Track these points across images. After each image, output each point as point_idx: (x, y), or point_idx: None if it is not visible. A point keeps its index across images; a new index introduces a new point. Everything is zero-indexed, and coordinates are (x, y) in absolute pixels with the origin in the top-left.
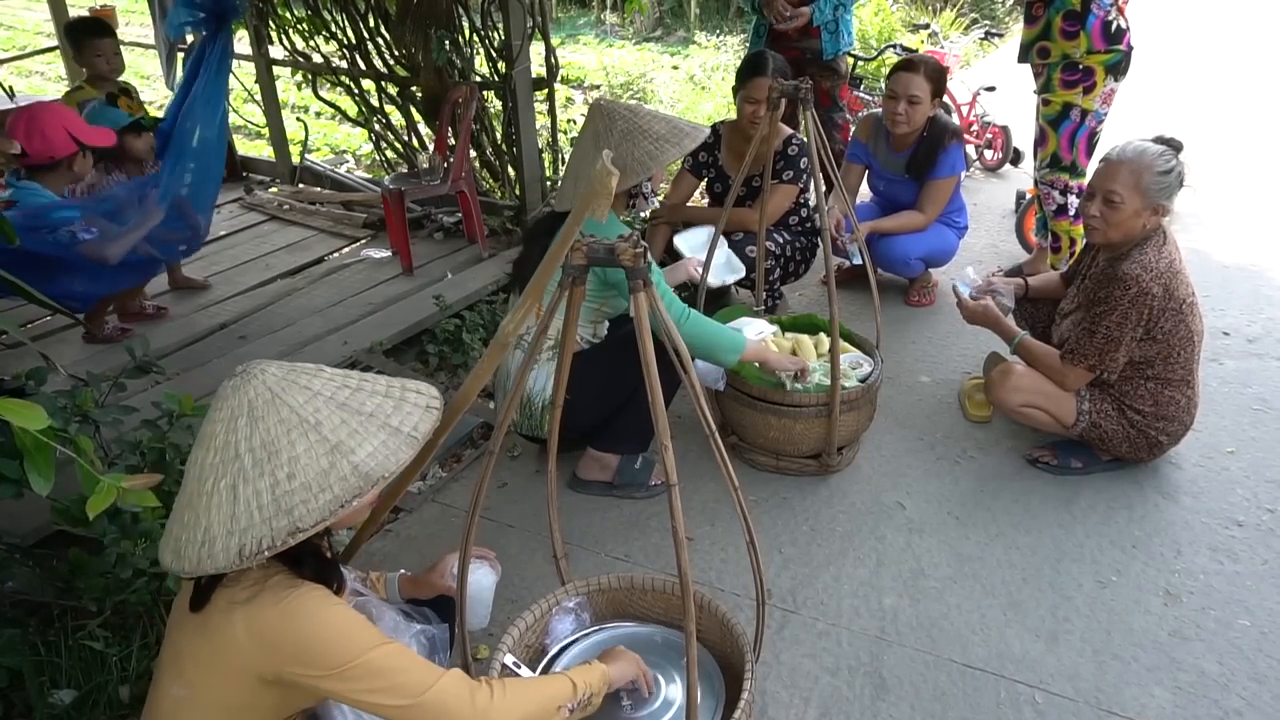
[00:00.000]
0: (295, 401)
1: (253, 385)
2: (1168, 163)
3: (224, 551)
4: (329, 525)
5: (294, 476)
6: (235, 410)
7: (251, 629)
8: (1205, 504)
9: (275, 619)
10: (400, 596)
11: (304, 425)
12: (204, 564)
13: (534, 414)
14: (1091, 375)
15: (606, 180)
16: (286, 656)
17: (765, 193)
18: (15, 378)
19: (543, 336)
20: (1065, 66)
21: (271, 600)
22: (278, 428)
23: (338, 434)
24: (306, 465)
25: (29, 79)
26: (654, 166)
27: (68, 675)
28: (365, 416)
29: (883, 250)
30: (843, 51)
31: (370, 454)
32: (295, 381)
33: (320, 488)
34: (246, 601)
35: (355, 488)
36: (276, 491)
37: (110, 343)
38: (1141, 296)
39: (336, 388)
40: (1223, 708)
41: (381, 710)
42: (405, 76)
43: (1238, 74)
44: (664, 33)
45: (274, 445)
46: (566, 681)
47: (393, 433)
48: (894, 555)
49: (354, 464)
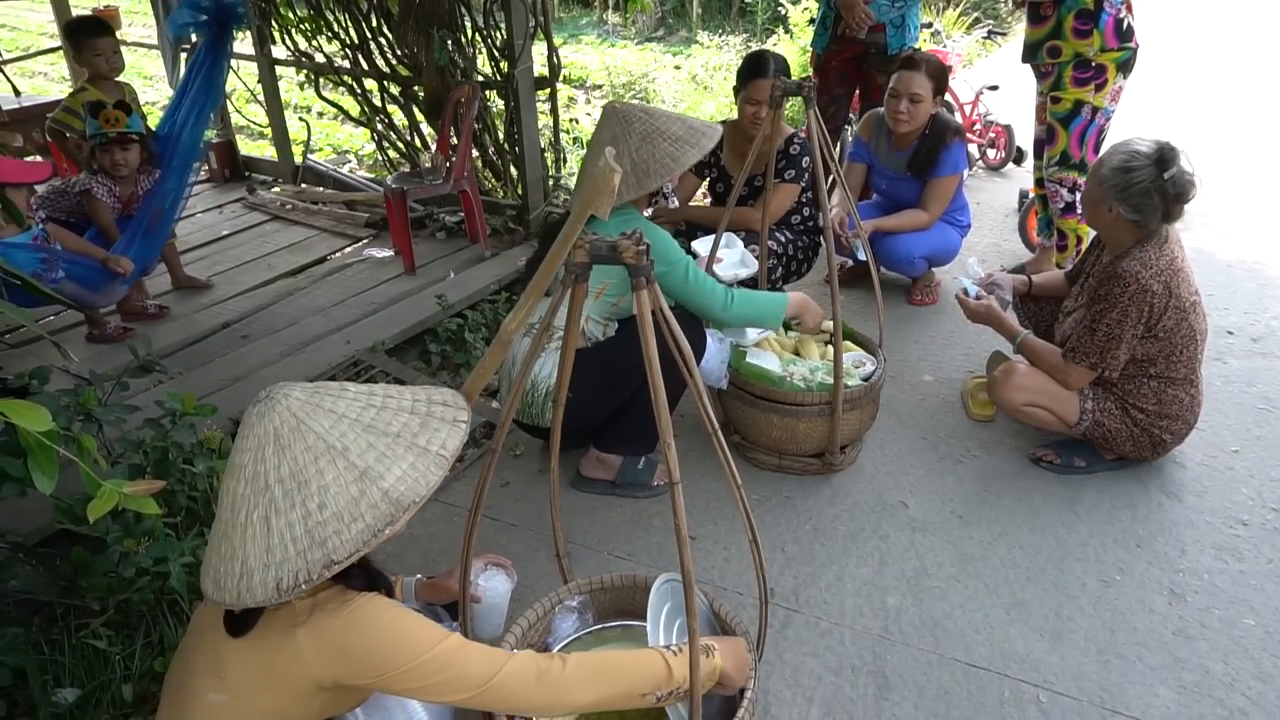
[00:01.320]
0: (320, 427)
1: (277, 412)
2: (1127, 161)
3: (262, 585)
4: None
5: (325, 506)
6: (262, 439)
7: (317, 645)
8: (1210, 503)
9: (338, 632)
10: (416, 600)
11: (331, 452)
12: (244, 598)
13: (535, 401)
14: (1094, 374)
15: (609, 178)
16: (355, 666)
17: (767, 192)
18: (19, 377)
19: (551, 321)
20: (1077, 64)
21: (330, 615)
22: (305, 455)
23: (365, 459)
24: (337, 494)
25: (33, 79)
26: (676, 169)
27: (71, 674)
28: (392, 438)
29: (886, 249)
30: (908, 46)
31: (400, 478)
32: (320, 405)
33: (352, 517)
34: (306, 622)
35: (387, 515)
36: (309, 523)
37: (112, 342)
38: (1142, 294)
39: (361, 408)
40: (1227, 707)
41: (446, 700)
42: (407, 76)
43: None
44: (666, 32)
45: (303, 475)
46: (660, 663)
47: (420, 453)
48: (897, 554)
49: (384, 490)
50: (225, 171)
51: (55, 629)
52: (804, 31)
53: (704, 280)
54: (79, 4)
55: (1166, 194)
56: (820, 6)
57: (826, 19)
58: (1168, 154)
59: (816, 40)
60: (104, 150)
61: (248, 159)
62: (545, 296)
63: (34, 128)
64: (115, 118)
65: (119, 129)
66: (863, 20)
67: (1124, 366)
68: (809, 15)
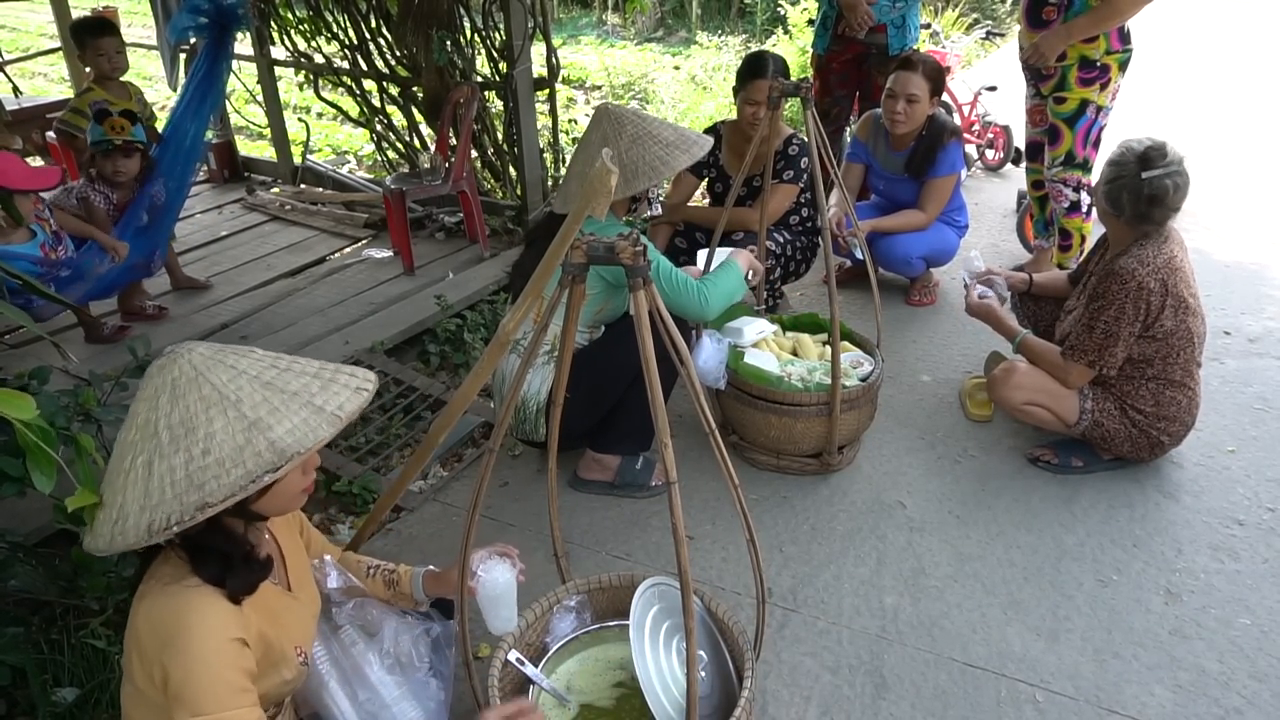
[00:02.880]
0: (218, 380)
1: (178, 364)
2: (1117, 156)
3: (135, 529)
4: (239, 501)
5: (208, 452)
6: (159, 388)
7: (134, 620)
8: (1206, 503)
9: (143, 612)
10: (425, 592)
11: (224, 402)
12: (115, 541)
13: (529, 417)
14: (1093, 372)
15: (606, 178)
16: (146, 648)
17: (766, 192)
18: (18, 377)
19: (542, 336)
20: (1082, 64)
21: (154, 590)
22: (197, 404)
23: (257, 411)
24: (222, 441)
25: (33, 80)
26: (665, 172)
27: (70, 673)
28: (289, 395)
29: (884, 250)
30: (909, 46)
31: (289, 430)
32: (221, 361)
33: (234, 463)
34: (142, 595)
35: (269, 463)
36: (190, 467)
37: (110, 342)
38: (1139, 291)
39: (264, 367)
40: (1223, 706)
41: None
42: (406, 77)
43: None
44: (665, 33)
45: (192, 422)
46: None
47: (315, 411)
48: (895, 554)
49: (270, 440)
50: (224, 172)
51: (55, 628)
52: (803, 32)
53: (680, 277)
54: (78, 5)
55: (1140, 194)
56: (821, 7)
57: (828, 19)
58: (1153, 155)
59: (817, 41)
60: (106, 157)
61: (247, 160)
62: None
63: (33, 128)
64: (121, 125)
65: (124, 137)
66: (865, 20)
67: (1122, 367)
68: (808, 16)
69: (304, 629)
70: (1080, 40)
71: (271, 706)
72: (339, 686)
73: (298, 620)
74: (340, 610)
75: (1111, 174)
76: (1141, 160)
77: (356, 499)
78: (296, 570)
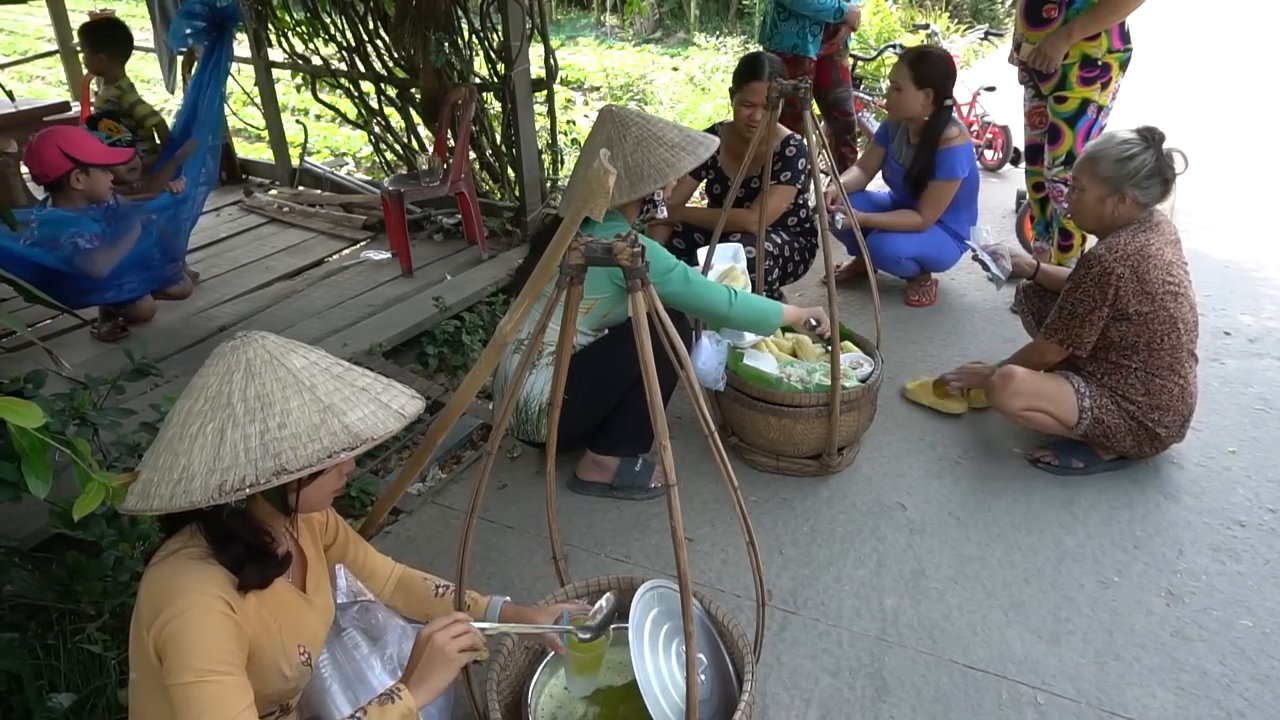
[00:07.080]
0: (293, 365)
1: (252, 347)
2: (1125, 151)
3: (202, 488)
4: (314, 472)
5: (285, 426)
6: (232, 366)
7: (138, 596)
8: (1207, 504)
9: (146, 583)
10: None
11: (299, 385)
12: (177, 499)
13: (530, 418)
14: (1064, 350)
15: (604, 179)
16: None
17: (764, 193)
18: (14, 380)
19: (540, 338)
20: (1083, 64)
21: (157, 563)
22: (274, 384)
23: (331, 398)
24: (299, 418)
25: (30, 83)
26: (670, 174)
27: (66, 679)
28: (358, 389)
29: (873, 246)
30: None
31: (361, 418)
32: (294, 350)
33: (310, 438)
34: (147, 571)
35: (344, 443)
36: (266, 437)
37: (110, 342)
38: (1105, 275)
39: (331, 363)
40: (1225, 708)
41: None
42: (404, 78)
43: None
44: (664, 34)
45: (269, 398)
46: None
47: (382, 406)
48: (895, 556)
49: (345, 423)
50: (222, 174)
51: (51, 634)
52: None
53: (704, 281)
54: (76, 7)
55: (1165, 173)
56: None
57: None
58: (1147, 132)
59: (810, 47)
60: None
61: (245, 162)
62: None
63: (31, 131)
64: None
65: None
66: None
67: (1109, 355)
68: None
69: (311, 631)
70: (1081, 39)
71: (273, 706)
72: (341, 690)
73: (305, 621)
74: (344, 614)
75: (1125, 153)
76: (1149, 138)
77: (355, 502)
78: (314, 576)
